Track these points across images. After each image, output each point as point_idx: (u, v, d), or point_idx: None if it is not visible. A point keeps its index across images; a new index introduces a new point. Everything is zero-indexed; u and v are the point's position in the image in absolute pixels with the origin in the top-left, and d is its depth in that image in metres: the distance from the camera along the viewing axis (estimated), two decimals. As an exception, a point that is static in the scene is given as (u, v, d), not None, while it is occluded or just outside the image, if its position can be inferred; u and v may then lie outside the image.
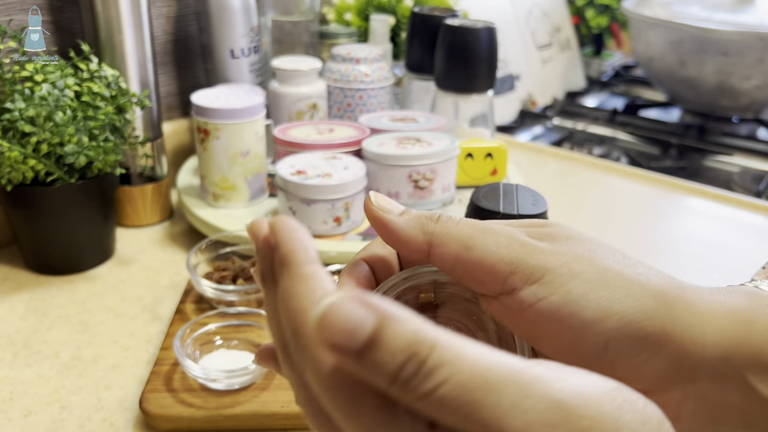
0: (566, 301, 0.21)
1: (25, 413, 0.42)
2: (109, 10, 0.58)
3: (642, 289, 0.21)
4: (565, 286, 0.21)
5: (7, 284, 0.56)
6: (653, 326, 0.21)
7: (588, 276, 0.21)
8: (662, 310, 0.21)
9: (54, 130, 0.51)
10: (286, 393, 0.41)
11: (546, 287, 0.21)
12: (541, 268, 0.21)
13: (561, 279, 0.21)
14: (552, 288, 0.21)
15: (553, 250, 0.22)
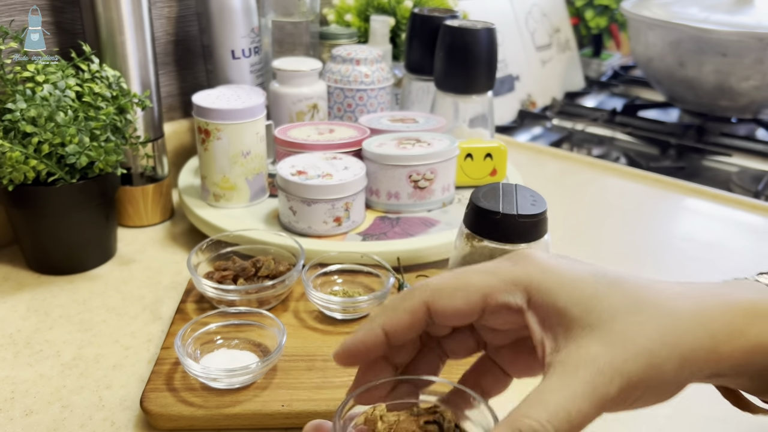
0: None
1: (27, 412, 0.42)
2: (111, 11, 0.58)
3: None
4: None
5: (8, 284, 0.56)
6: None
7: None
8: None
9: (55, 131, 0.51)
10: (287, 392, 0.42)
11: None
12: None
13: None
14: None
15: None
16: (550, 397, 0.23)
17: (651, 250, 0.66)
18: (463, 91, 0.69)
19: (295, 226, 0.58)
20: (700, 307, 0.25)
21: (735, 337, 0.25)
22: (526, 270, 0.26)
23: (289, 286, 0.50)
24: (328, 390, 0.42)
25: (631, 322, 0.24)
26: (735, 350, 0.25)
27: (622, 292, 0.25)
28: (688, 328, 0.24)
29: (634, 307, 0.24)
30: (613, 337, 0.24)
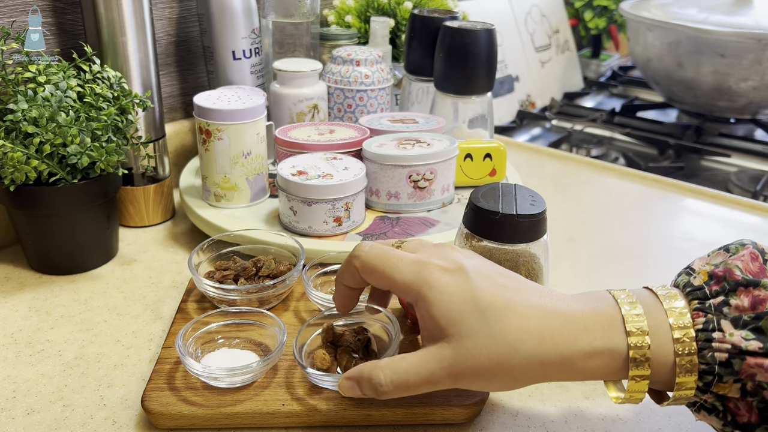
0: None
1: (28, 412, 0.42)
2: (112, 12, 0.58)
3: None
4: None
5: (10, 284, 0.56)
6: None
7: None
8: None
9: (57, 131, 0.51)
10: (287, 391, 0.42)
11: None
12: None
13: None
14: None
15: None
16: (402, 364, 0.36)
17: (650, 250, 0.67)
18: (462, 92, 0.70)
19: (296, 226, 0.59)
20: (540, 348, 0.34)
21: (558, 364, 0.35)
22: (419, 282, 0.36)
23: (289, 285, 0.50)
24: (329, 389, 0.42)
25: (475, 346, 0.34)
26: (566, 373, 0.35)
27: (485, 319, 0.34)
28: (524, 360, 0.34)
29: (491, 331, 0.34)
30: (464, 351, 0.34)
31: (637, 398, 0.35)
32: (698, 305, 0.34)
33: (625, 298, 0.35)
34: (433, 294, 0.35)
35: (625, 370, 0.34)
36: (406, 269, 0.37)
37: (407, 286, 0.37)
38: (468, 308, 0.35)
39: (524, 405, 0.44)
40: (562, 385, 0.46)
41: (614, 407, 0.44)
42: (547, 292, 0.36)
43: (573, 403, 0.44)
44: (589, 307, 0.35)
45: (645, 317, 0.34)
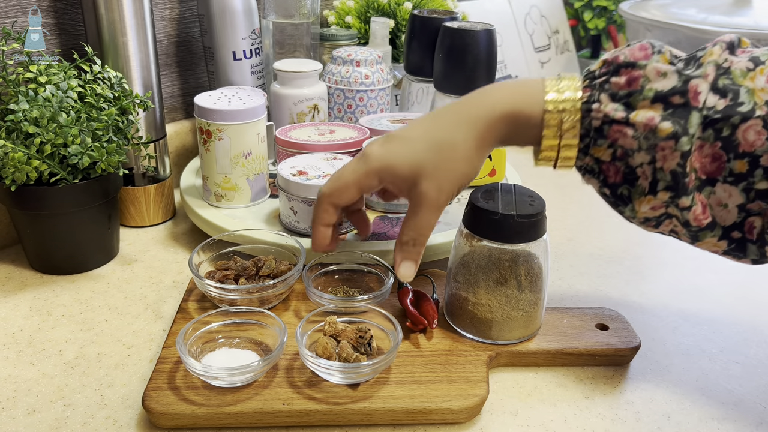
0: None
1: (29, 411, 0.42)
2: (113, 13, 0.58)
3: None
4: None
5: (11, 284, 0.56)
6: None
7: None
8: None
9: (58, 131, 0.51)
10: (288, 390, 0.42)
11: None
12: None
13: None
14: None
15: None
16: (410, 222, 0.45)
17: (650, 250, 0.67)
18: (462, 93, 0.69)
19: (296, 226, 0.59)
20: (471, 127, 0.43)
21: (484, 126, 0.43)
22: (372, 164, 0.44)
23: (290, 285, 0.50)
24: (329, 388, 0.42)
25: (437, 160, 0.43)
26: (488, 134, 0.43)
27: (427, 144, 0.43)
28: (465, 142, 0.43)
29: (436, 152, 0.43)
30: (430, 176, 0.43)
31: (548, 151, 0.43)
32: (588, 83, 0.41)
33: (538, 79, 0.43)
34: (387, 160, 0.44)
35: (531, 126, 0.42)
36: (353, 165, 0.45)
37: (365, 174, 0.44)
38: (414, 150, 0.44)
39: (524, 404, 0.44)
40: (562, 385, 0.46)
41: (613, 407, 0.44)
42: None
43: (572, 402, 0.44)
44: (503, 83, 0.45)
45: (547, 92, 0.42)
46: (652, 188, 0.40)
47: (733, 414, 0.44)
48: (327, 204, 0.46)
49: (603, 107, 0.40)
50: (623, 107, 0.39)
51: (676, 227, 0.41)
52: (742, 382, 0.47)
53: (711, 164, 0.39)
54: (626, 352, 0.47)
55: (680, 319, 0.54)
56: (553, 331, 0.48)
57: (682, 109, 0.38)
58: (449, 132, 0.43)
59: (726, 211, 0.40)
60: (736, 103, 0.38)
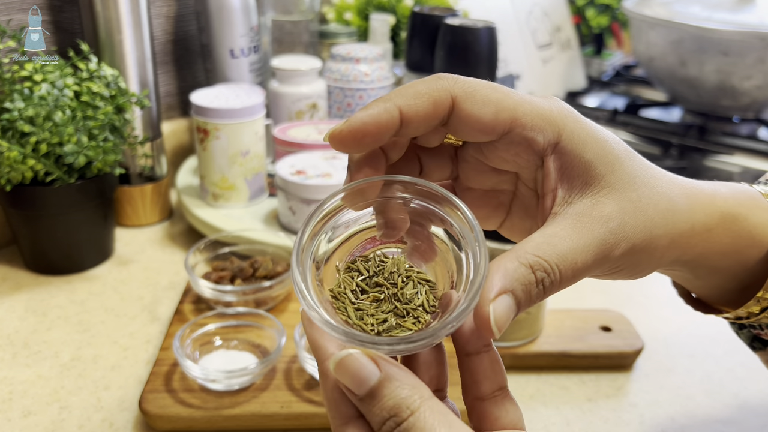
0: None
1: (25, 413, 0.41)
2: (109, 10, 0.58)
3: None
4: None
5: (6, 284, 0.56)
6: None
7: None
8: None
9: (53, 130, 0.51)
10: (285, 393, 0.41)
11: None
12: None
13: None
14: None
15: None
16: (561, 243, 0.23)
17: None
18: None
19: (295, 226, 0.58)
20: (692, 199, 0.26)
21: (706, 232, 0.26)
22: (562, 113, 0.24)
23: (287, 287, 0.50)
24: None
25: (645, 194, 0.24)
26: (699, 244, 0.26)
27: (638, 164, 0.25)
28: (682, 213, 0.25)
29: (648, 180, 0.25)
30: (629, 203, 0.24)
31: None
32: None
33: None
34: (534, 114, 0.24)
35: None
36: (529, 99, 0.24)
37: (546, 119, 0.24)
38: (613, 145, 0.24)
39: (526, 407, 0.43)
40: (565, 388, 0.45)
41: (616, 409, 0.43)
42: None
43: (575, 405, 0.43)
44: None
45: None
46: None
47: (738, 416, 0.43)
48: (395, 113, 0.23)
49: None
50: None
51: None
52: (747, 385, 0.46)
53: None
54: (630, 354, 0.47)
55: (684, 320, 0.54)
56: (555, 333, 0.48)
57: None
58: (668, 187, 0.25)
59: None
60: None
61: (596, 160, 0.24)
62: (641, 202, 0.24)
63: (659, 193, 0.24)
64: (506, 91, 0.24)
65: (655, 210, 0.24)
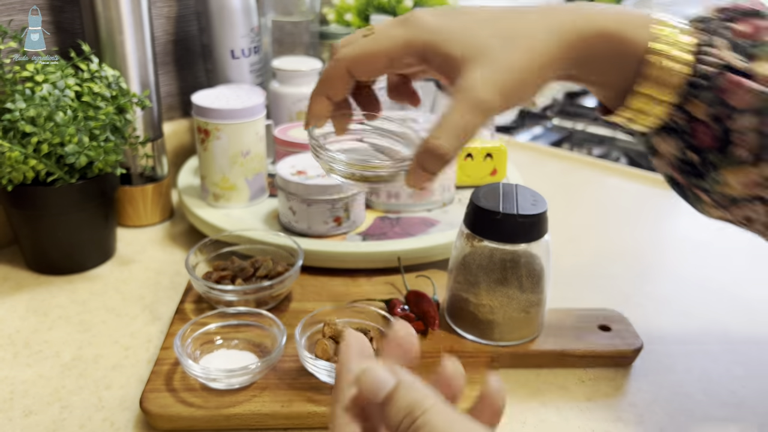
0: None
1: (26, 413, 0.42)
2: (110, 11, 0.58)
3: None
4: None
5: (7, 284, 0.56)
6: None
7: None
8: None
9: (54, 130, 0.51)
10: (286, 393, 0.42)
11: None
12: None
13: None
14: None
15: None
16: (448, 121, 0.33)
17: (651, 249, 0.66)
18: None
19: (295, 226, 0.58)
20: (556, 30, 0.34)
21: (575, 36, 0.34)
22: (419, 34, 0.35)
23: (287, 286, 0.50)
24: (328, 390, 0.42)
25: (503, 50, 0.33)
26: (575, 47, 0.34)
27: (497, 30, 0.34)
28: (547, 46, 0.34)
29: (506, 40, 0.34)
30: (489, 62, 0.33)
31: (642, 99, 0.35)
32: (702, 25, 0.35)
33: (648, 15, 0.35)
34: (440, 32, 0.34)
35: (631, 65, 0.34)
36: (391, 30, 0.35)
37: (406, 44, 0.35)
38: (478, 31, 0.34)
39: (525, 406, 0.43)
40: (563, 386, 0.45)
41: (615, 409, 0.43)
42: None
43: (574, 404, 0.44)
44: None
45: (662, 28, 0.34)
46: (757, 158, 0.33)
47: (736, 415, 0.43)
48: (342, 70, 0.37)
49: (720, 53, 0.33)
50: (745, 57, 0.33)
51: (757, 213, 0.36)
52: (745, 383, 0.46)
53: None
54: (629, 354, 0.47)
55: (682, 319, 0.54)
56: (554, 332, 0.48)
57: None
58: (530, 27, 0.34)
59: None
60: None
61: (453, 50, 0.34)
62: (501, 58, 0.33)
63: (520, 47, 0.34)
64: (379, 42, 0.35)
65: (517, 59, 0.33)
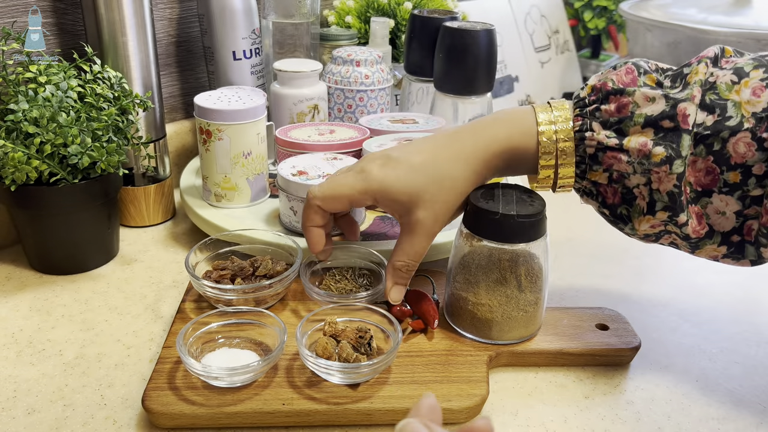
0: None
1: (29, 411, 0.42)
2: (112, 13, 0.58)
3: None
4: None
5: (11, 283, 0.56)
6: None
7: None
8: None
9: (57, 131, 0.51)
10: (288, 391, 0.42)
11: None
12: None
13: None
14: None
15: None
16: (405, 247, 0.46)
17: (649, 249, 0.67)
18: (462, 93, 0.70)
19: (296, 226, 0.59)
20: (471, 165, 0.45)
21: (482, 164, 0.45)
22: (370, 185, 0.45)
23: (286, 285, 0.50)
24: (329, 388, 0.42)
25: (437, 193, 0.45)
26: (483, 171, 0.45)
27: (428, 176, 0.45)
28: (465, 180, 0.45)
29: (436, 184, 0.44)
30: (428, 203, 0.45)
31: (545, 180, 0.45)
32: (579, 112, 0.43)
33: (531, 108, 0.45)
34: (385, 184, 0.45)
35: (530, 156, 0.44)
36: (350, 179, 0.46)
37: (361, 192, 0.46)
38: (415, 179, 0.45)
39: (524, 404, 0.44)
40: (562, 385, 0.46)
41: (613, 407, 0.44)
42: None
43: (572, 402, 0.44)
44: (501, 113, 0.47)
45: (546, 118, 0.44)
46: (651, 209, 0.41)
47: (734, 414, 0.44)
48: (316, 208, 0.48)
49: (596, 135, 0.41)
50: (615, 134, 0.41)
51: (676, 240, 0.43)
52: (742, 382, 0.47)
53: (705, 177, 0.40)
54: (626, 352, 0.47)
55: (680, 319, 0.54)
56: (553, 331, 0.48)
57: (673, 133, 0.39)
58: (451, 167, 0.44)
59: (724, 218, 0.41)
60: (724, 118, 0.39)
61: (401, 197, 0.45)
62: (435, 202, 0.45)
63: (445, 188, 0.45)
64: (340, 187, 0.47)
65: (444, 202, 0.45)
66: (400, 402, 0.41)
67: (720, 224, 0.41)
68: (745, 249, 0.42)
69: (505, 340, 0.47)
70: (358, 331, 0.44)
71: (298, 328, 0.43)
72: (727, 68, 0.40)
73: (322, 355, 0.43)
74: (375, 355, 0.43)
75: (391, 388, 0.42)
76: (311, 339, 0.44)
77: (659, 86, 0.41)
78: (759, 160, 0.38)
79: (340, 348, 0.43)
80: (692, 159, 0.40)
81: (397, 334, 0.43)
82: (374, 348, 0.44)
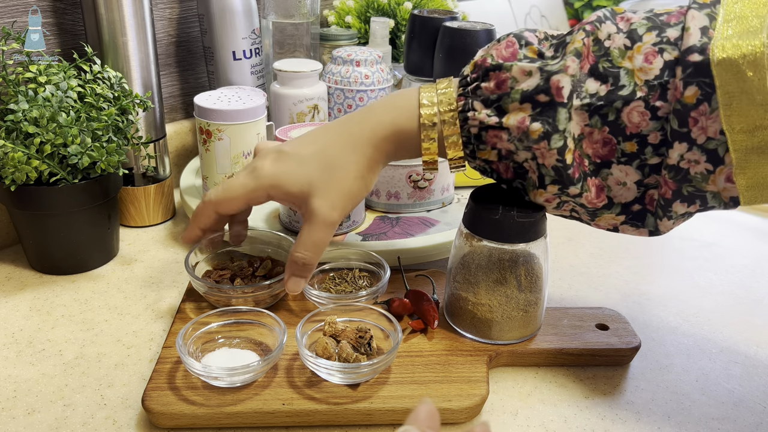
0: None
1: (29, 411, 0.42)
2: (112, 13, 0.58)
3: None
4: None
5: (11, 283, 0.56)
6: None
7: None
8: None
9: (57, 131, 0.51)
10: (288, 391, 0.42)
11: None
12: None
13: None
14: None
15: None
16: (303, 238, 0.45)
17: (649, 249, 0.67)
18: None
19: (296, 226, 0.59)
20: (360, 151, 0.44)
21: (372, 149, 0.44)
22: (261, 182, 0.45)
23: (287, 285, 0.50)
24: (329, 388, 0.42)
25: (328, 180, 0.44)
26: (375, 155, 0.44)
27: (318, 165, 0.44)
28: (357, 166, 0.44)
29: (327, 171, 0.44)
30: (321, 192, 0.44)
31: (429, 158, 0.44)
32: (462, 91, 0.42)
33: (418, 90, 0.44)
34: (276, 179, 0.45)
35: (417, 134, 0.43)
36: (243, 179, 0.46)
37: (254, 190, 0.45)
38: (305, 170, 0.44)
39: (524, 404, 0.44)
40: (562, 385, 0.46)
41: (613, 407, 0.44)
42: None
43: (572, 402, 0.44)
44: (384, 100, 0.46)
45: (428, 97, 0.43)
46: (541, 183, 0.41)
47: (733, 414, 0.44)
48: (210, 210, 0.47)
49: (477, 114, 0.41)
50: (495, 112, 0.40)
51: (575, 209, 0.43)
52: (742, 382, 0.47)
53: (603, 148, 0.39)
54: (626, 352, 0.47)
55: (680, 319, 0.54)
56: (553, 331, 0.48)
57: (549, 107, 0.38)
58: (340, 154, 0.44)
59: (626, 189, 0.40)
60: (617, 87, 0.38)
61: (294, 189, 0.45)
62: (329, 189, 0.44)
63: (338, 176, 0.44)
64: (235, 189, 0.46)
65: (341, 187, 0.44)
66: (400, 402, 0.41)
67: (622, 195, 0.40)
68: (645, 218, 0.41)
69: (505, 340, 0.47)
70: (358, 331, 0.44)
71: (298, 328, 0.43)
72: (622, 27, 0.39)
73: (322, 355, 0.43)
74: (375, 355, 0.43)
75: (391, 388, 0.42)
76: (311, 339, 0.44)
77: (540, 57, 0.40)
78: (653, 129, 0.38)
79: (340, 348, 0.43)
80: (588, 131, 0.39)
81: (397, 334, 0.43)
82: (374, 348, 0.44)
